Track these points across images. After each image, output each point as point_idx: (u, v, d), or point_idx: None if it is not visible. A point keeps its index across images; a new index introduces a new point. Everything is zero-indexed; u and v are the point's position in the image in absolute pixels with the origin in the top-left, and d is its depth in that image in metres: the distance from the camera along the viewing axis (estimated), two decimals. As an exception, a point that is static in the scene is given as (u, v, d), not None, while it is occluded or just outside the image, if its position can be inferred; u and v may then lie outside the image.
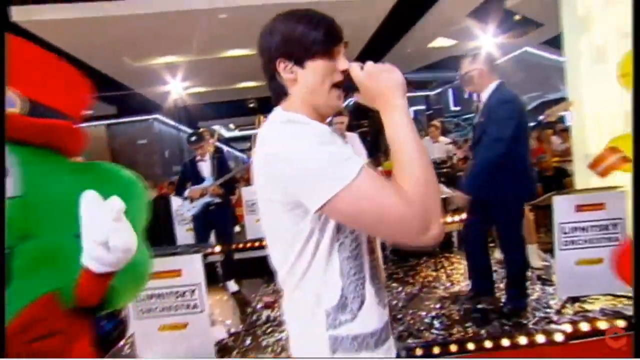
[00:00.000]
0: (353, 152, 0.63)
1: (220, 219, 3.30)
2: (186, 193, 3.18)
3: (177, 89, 7.31)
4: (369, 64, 0.68)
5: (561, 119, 5.76)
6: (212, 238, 3.45)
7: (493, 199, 2.10)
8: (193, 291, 2.14)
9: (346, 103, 0.84)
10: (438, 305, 2.48)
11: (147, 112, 10.01)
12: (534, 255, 3.17)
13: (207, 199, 3.21)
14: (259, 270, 3.96)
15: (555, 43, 7.27)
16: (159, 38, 5.33)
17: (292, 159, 0.62)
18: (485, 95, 2.07)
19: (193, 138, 3.32)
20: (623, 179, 2.56)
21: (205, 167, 3.28)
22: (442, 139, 5.00)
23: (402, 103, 0.66)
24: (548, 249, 3.36)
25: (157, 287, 2.08)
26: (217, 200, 3.23)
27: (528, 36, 7.07)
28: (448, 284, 2.82)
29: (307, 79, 0.69)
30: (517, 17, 5.79)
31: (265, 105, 11.25)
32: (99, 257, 0.62)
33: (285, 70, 0.70)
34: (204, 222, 3.28)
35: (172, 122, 10.63)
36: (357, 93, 0.70)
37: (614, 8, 2.44)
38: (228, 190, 3.38)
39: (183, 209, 3.27)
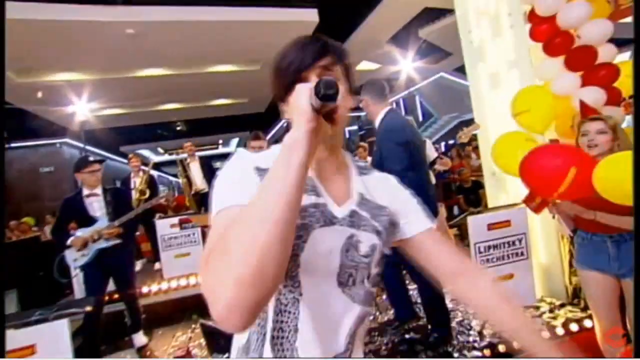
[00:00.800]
0: (245, 193, 0.54)
1: (120, 263, 2.70)
2: (69, 241, 2.51)
3: (82, 110, 6.43)
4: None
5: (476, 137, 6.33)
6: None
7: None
8: (58, 371, 1.65)
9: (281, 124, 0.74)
10: (366, 340, 2.32)
11: (51, 136, 8.69)
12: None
13: (101, 244, 2.57)
14: (176, 314, 3.48)
15: (463, 70, 8.17)
16: (53, 51, 4.62)
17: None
18: (377, 123, 2.09)
19: (91, 158, 2.66)
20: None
21: (97, 204, 2.64)
22: (369, 159, 5.08)
23: (290, 136, 0.51)
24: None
25: (3, 373, 1.56)
26: (115, 241, 2.61)
27: (442, 63, 7.80)
28: (377, 313, 2.70)
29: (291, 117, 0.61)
30: (423, 45, 6.34)
31: (193, 128, 10.72)
32: None
33: (284, 115, 0.65)
34: (97, 271, 2.60)
35: (86, 147, 9.37)
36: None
37: (501, 39, 2.68)
38: (131, 228, 2.83)
39: (68, 259, 2.54)
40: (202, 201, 4.69)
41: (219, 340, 1.77)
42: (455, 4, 3.01)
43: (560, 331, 2.07)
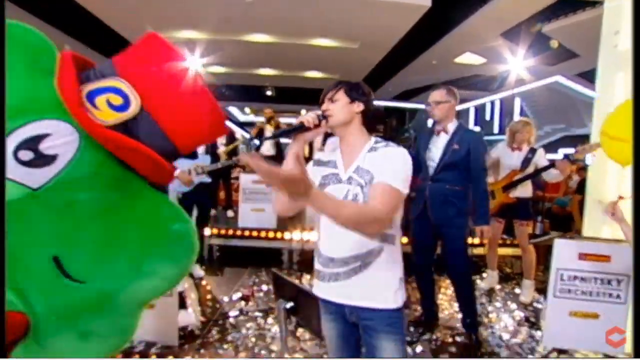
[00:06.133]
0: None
1: (206, 200, 3.16)
2: (176, 173, 2.91)
3: (196, 65, 7.24)
4: None
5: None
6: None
7: (449, 221, 2.22)
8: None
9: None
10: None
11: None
12: (527, 290, 3.04)
13: (204, 178, 3.01)
14: (244, 260, 3.91)
15: (588, 77, 6.97)
16: (182, 11, 5.24)
17: None
18: (451, 127, 2.25)
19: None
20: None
21: None
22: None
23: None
24: (542, 288, 3.21)
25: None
26: (208, 180, 3.07)
27: (560, 65, 6.78)
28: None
29: None
30: (554, 44, 5.52)
31: (281, 95, 11.24)
32: None
33: None
34: (188, 200, 2.98)
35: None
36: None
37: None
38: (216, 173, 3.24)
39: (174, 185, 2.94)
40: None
41: (284, 288, 1.98)
42: (607, -4, 2.57)
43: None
